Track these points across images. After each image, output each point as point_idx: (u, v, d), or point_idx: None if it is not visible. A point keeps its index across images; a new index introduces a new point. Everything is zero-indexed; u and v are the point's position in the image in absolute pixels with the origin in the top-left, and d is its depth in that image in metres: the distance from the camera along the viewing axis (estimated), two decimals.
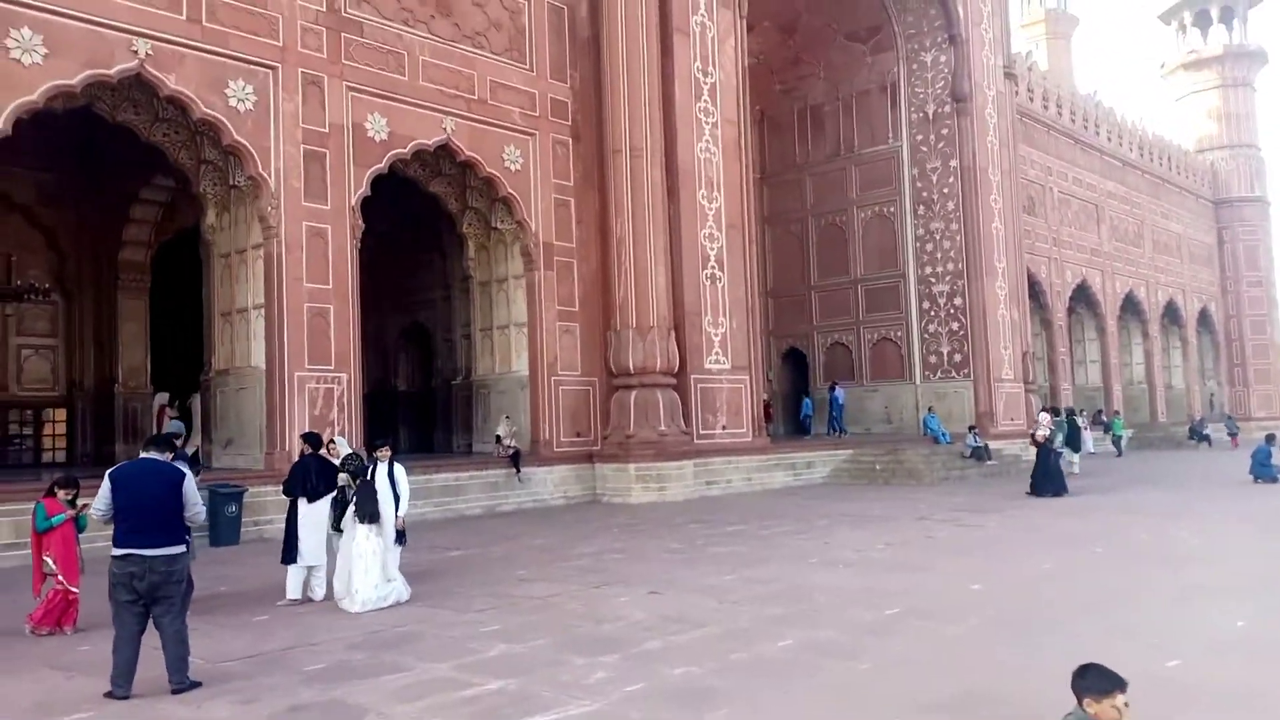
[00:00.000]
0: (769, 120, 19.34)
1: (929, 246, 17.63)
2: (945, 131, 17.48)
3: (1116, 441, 19.73)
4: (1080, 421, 16.05)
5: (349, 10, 9.35)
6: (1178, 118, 33.29)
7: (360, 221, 9.31)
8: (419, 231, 12.88)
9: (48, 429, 12.73)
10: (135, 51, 7.86)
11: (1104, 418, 22.41)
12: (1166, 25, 33.70)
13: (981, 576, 5.56)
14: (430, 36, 9.98)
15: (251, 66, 8.59)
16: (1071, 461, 14.18)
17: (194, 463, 6.07)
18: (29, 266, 12.42)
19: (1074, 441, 14.45)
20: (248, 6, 8.59)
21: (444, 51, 10.08)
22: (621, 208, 11.10)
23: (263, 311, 8.84)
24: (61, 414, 12.82)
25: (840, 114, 18.66)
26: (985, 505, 9.75)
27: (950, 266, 17.39)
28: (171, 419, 10.84)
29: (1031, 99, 21.68)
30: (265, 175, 8.65)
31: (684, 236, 11.43)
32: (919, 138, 17.78)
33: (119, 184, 12.14)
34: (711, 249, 11.80)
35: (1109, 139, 25.33)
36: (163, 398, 11.55)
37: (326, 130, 9.07)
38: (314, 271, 8.90)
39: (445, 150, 10.20)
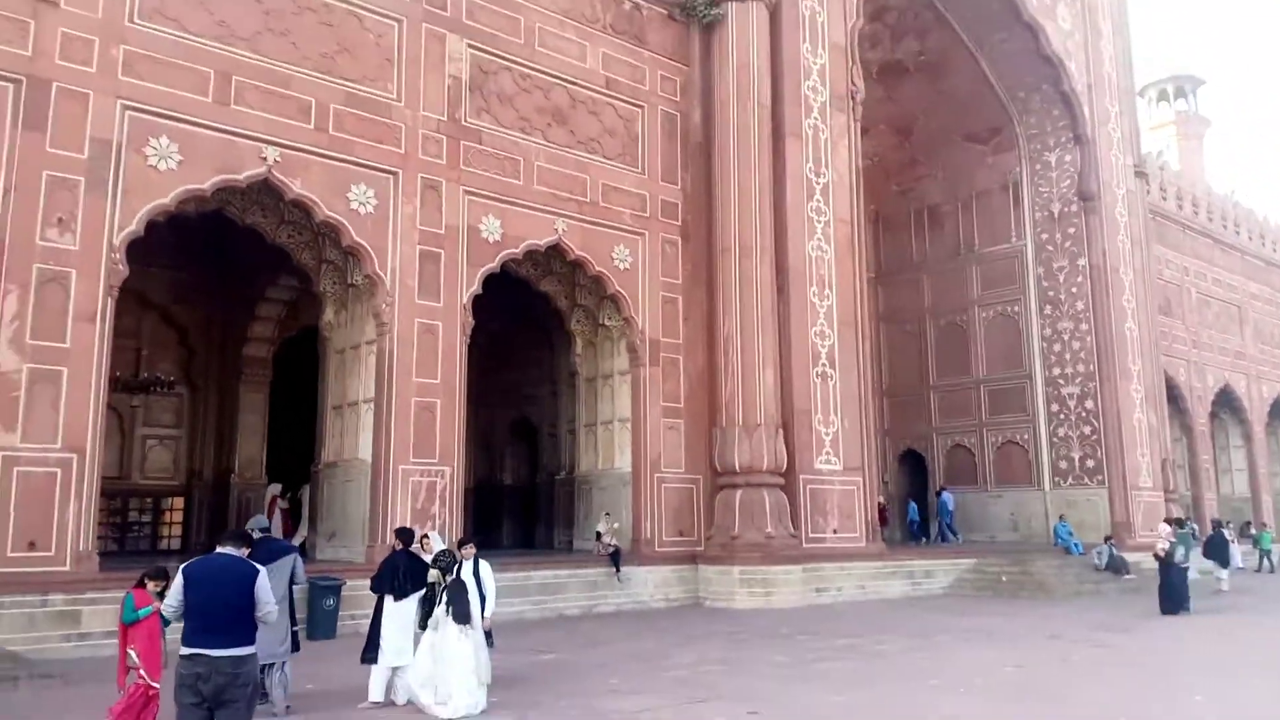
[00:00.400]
0: (884, 220, 19.12)
1: (1057, 347, 16.89)
2: (1072, 230, 16.90)
3: (1265, 555, 18.14)
4: (1227, 534, 14.81)
5: (469, 120, 9.71)
6: None
7: (470, 319, 9.48)
8: (528, 328, 13.08)
9: (165, 517, 13.21)
10: (264, 158, 8.32)
11: (1252, 530, 20.71)
12: None
13: (1128, 707, 5.01)
14: (545, 143, 10.26)
15: (373, 172, 8.97)
16: (1220, 578, 13.11)
17: (300, 552, 6.11)
18: (159, 361, 13.11)
19: (1221, 556, 13.35)
20: (373, 116, 9.02)
21: (558, 157, 10.34)
22: (729, 305, 11.02)
23: (372, 405, 9.03)
24: (180, 503, 13.30)
25: (959, 213, 18.31)
26: (1123, 624, 8.99)
27: (1080, 368, 16.60)
28: (281, 509, 11.11)
29: (1165, 198, 20.86)
30: (381, 274, 8.94)
31: (794, 334, 11.23)
32: (1044, 236, 17.23)
33: (247, 283, 12.80)
34: (823, 346, 11.54)
35: (1249, 239, 24.08)
36: (275, 489, 11.87)
37: (442, 231, 9.35)
38: (424, 366, 9.06)
39: (556, 250, 10.38)
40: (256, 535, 5.03)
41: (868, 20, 15.16)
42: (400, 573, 5.29)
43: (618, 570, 9.98)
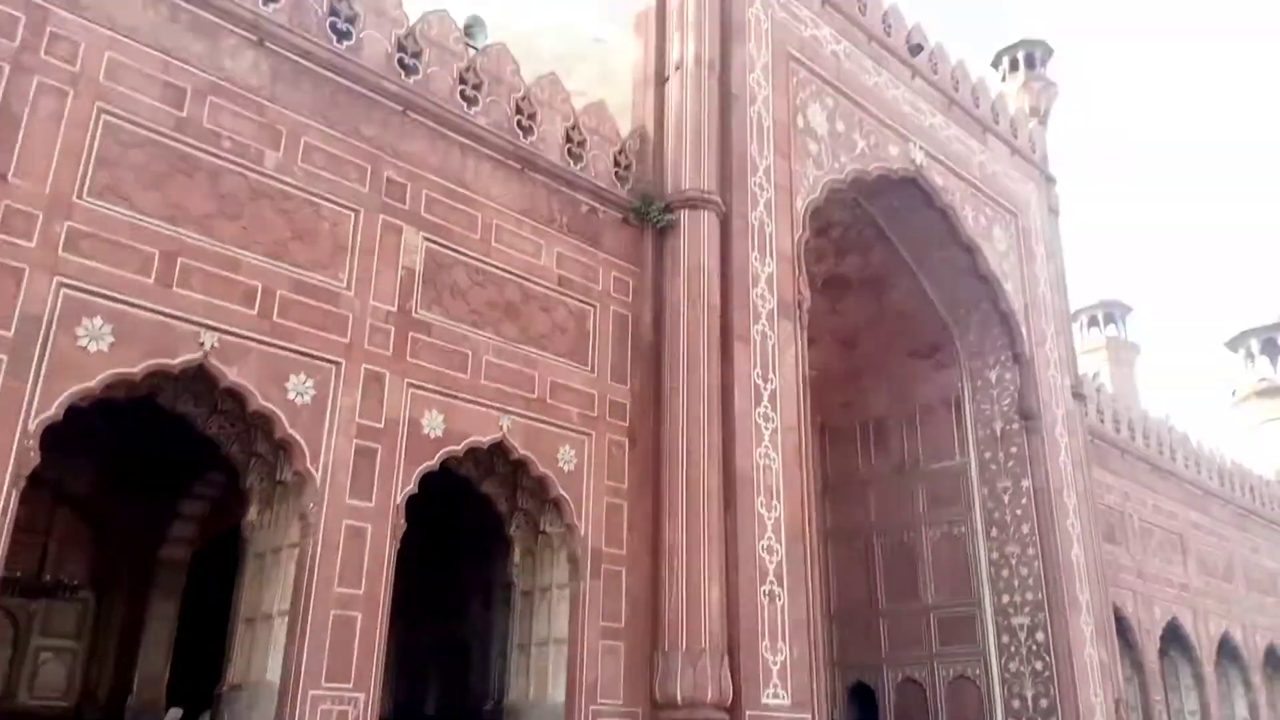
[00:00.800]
0: (830, 432, 19.10)
1: (1005, 573, 16.55)
2: (1015, 450, 16.96)
3: None
4: None
5: (419, 311, 9.49)
6: (1257, 445, 32.50)
7: (403, 521, 8.88)
8: (464, 533, 12.44)
9: None
10: (201, 343, 7.91)
11: None
12: (1233, 353, 33.84)
13: None
14: (495, 338, 10.05)
15: (315, 361, 8.60)
16: None
17: None
18: (68, 560, 12.09)
19: None
20: (320, 304, 8.74)
21: (508, 352, 10.10)
22: (675, 514, 10.55)
23: (286, 618, 8.23)
24: None
25: (904, 428, 18.36)
26: None
27: (1030, 596, 16.19)
28: None
29: (1102, 420, 21.30)
30: (313, 470, 8.38)
31: (741, 548, 10.74)
32: (987, 455, 17.26)
33: (172, 477, 12.07)
34: (771, 562, 11.04)
35: (1186, 465, 24.54)
36: (175, 714, 10.66)
37: (382, 425, 8.90)
38: (347, 574, 8.36)
39: (499, 448, 9.95)
40: None
41: (813, 235, 15.59)
42: None
43: None
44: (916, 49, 16.50)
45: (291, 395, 8.37)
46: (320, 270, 8.83)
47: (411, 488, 9.00)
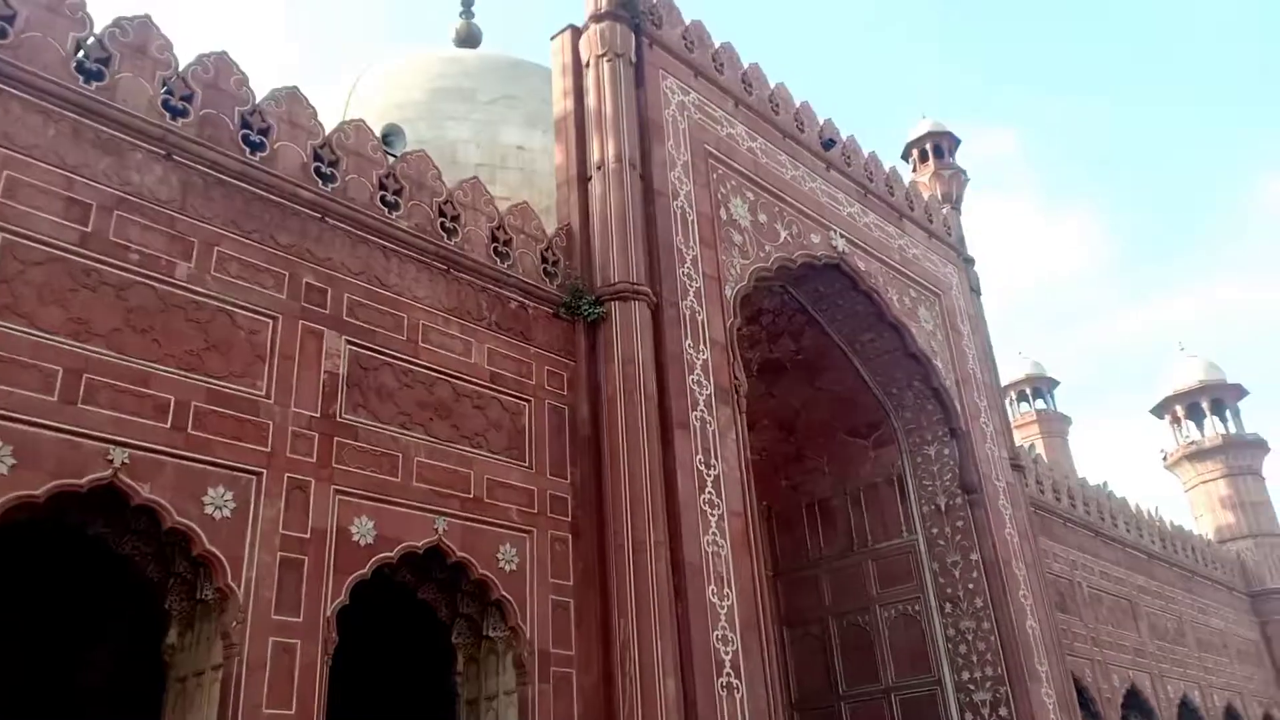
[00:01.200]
0: (777, 516, 18.95)
1: (962, 648, 16.33)
2: (960, 524, 16.95)
3: None
4: None
5: (344, 415, 9.23)
6: (1191, 506, 33.04)
7: (335, 635, 8.43)
8: (402, 644, 11.88)
9: None
10: (110, 460, 7.55)
11: None
12: (1160, 419, 34.63)
13: None
14: (427, 438, 9.80)
15: (234, 472, 8.25)
16: None
17: None
18: None
19: None
20: (237, 414, 8.44)
21: (440, 452, 9.84)
22: (625, 608, 10.21)
23: None
24: None
25: (849, 507, 18.28)
26: None
27: (989, 671, 15.97)
28: None
29: (1043, 491, 21.49)
30: (234, 586, 7.95)
31: (695, 640, 10.40)
32: (934, 530, 17.22)
33: (88, 605, 11.37)
34: (726, 653, 10.71)
35: (1128, 531, 24.80)
36: None
37: (308, 536, 8.52)
38: (276, 695, 7.85)
39: (436, 551, 9.58)
40: None
41: (745, 322, 15.80)
42: None
43: None
44: (829, 143, 17.05)
45: (210, 509, 7.99)
46: (237, 379, 8.56)
47: (343, 599, 8.58)
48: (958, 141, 21.37)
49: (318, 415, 9.00)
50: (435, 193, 10.99)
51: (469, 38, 22.96)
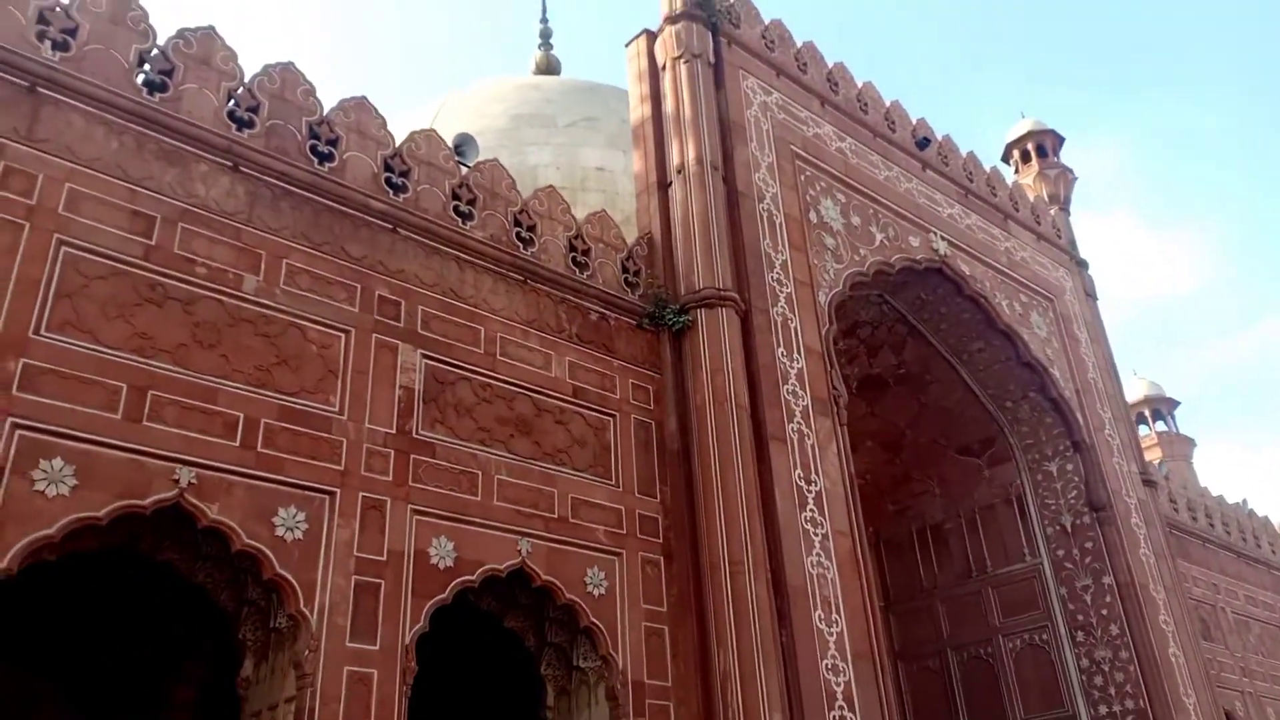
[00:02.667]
0: (886, 543, 17.84)
1: (1098, 680, 14.94)
2: (1089, 545, 15.61)
3: None
4: None
5: (421, 432, 8.77)
6: None
7: (414, 663, 7.89)
8: (489, 676, 11.30)
9: None
10: (176, 480, 7.20)
11: None
12: None
13: None
14: (507, 455, 9.27)
15: (306, 492, 7.84)
16: None
17: None
18: None
19: None
20: (309, 431, 8.05)
21: (522, 469, 9.30)
22: (724, 636, 9.42)
23: None
24: None
25: (964, 531, 17.07)
26: None
27: (1130, 705, 14.53)
28: None
29: (1177, 510, 19.80)
30: (307, 612, 7.49)
31: (802, 670, 9.54)
32: (1060, 553, 15.90)
33: (168, 637, 11.12)
34: (838, 684, 9.80)
35: (1274, 552, 22.75)
36: None
37: (384, 558, 8.04)
38: None
39: (519, 575, 8.99)
40: None
41: (842, 335, 14.96)
42: None
43: None
44: (924, 143, 16.17)
45: (280, 531, 7.57)
46: (308, 395, 8.19)
47: (422, 625, 8.05)
48: (1062, 140, 20.19)
49: (393, 432, 8.56)
50: (510, 202, 10.58)
51: (548, 69, 22.92)
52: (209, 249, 8.09)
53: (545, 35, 24.53)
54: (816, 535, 10.58)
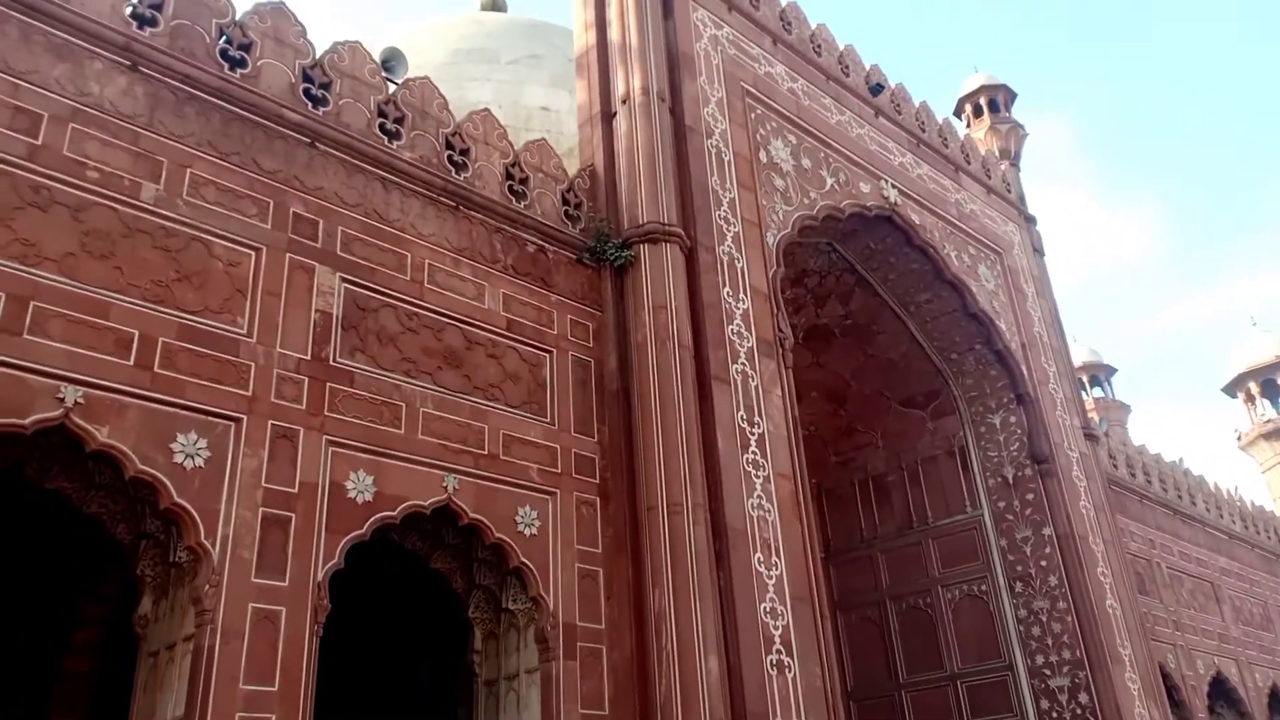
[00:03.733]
0: (828, 494, 17.65)
1: (1036, 630, 14.93)
2: (1031, 496, 15.54)
3: None
4: None
5: (339, 359, 8.21)
6: (1269, 487, 31.08)
7: (326, 601, 7.40)
8: (415, 617, 10.84)
9: None
10: (61, 399, 6.59)
11: None
12: (1232, 398, 32.76)
13: None
14: (435, 388, 8.75)
15: (209, 418, 7.26)
16: None
17: None
18: None
19: None
20: (214, 353, 7.46)
21: (450, 403, 8.79)
22: (660, 577, 9.05)
23: None
24: None
25: (906, 483, 16.92)
26: None
27: (1066, 655, 14.55)
28: None
29: (1116, 466, 19.92)
30: (208, 545, 6.95)
31: (739, 612, 9.22)
32: (1001, 504, 15.82)
33: (71, 576, 10.46)
34: (776, 628, 9.51)
35: (1207, 509, 23.09)
36: None
37: (295, 490, 7.50)
38: (255, 669, 6.83)
39: (446, 513, 8.52)
40: None
41: (790, 284, 14.66)
42: None
43: None
44: (877, 89, 15.77)
45: (179, 458, 7.00)
46: (213, 315, 7.58)
47: (336, 562, 7.55)
48: (1014, 95, 19.96)
49: (307, 358, 7.99)
50: (442, 123, 9.97)
51: (494, 5, 22.03)
52: (102, 152, 7.40)
53: None
54: (758, 478, 10.24)
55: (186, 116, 8.00)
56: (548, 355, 9.86)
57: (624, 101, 11.39)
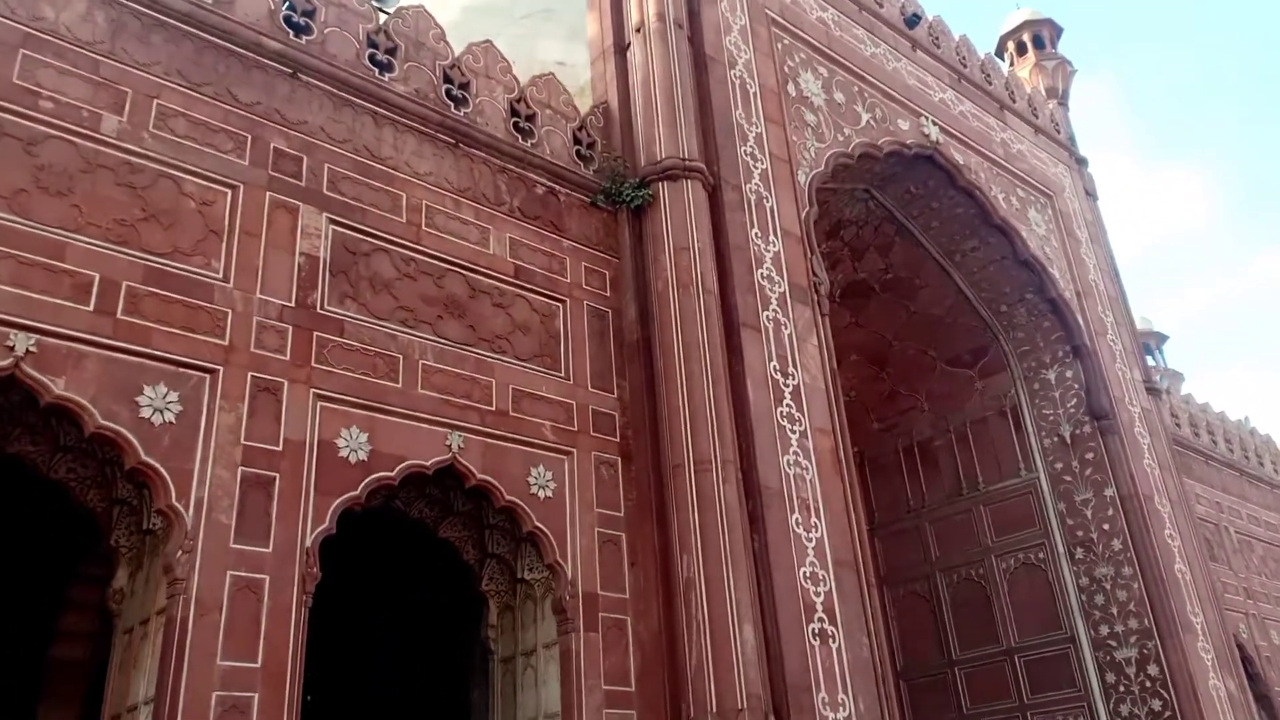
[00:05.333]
0: (871, 463, 16.71)
1: (1099, 599, 13.92)
2: (1090, 456, 14.50)
3: None
4: None
5: (327, 307, 7.48)
6: None
7: (316, 569, 6.68)
8: (422, 593, 10.13)
9: None
10: (11, 347, 5.91)
11: None
12: None
13: None
14: (435, 339, 8.00)
15: (180, 369, 6.56)
16: None
17: None
18: None
19: None
20: (184, 299, 6.75)
21: (454, 355, 8.03)
22: (688, 541, 8.24)
23: (152, 709, 5.99)
24: None
25: (955, 448, 15.95)
26: None
27: (1133, 624, 13.54)
28: None
29: (1179, 425, 18.74)
30: (180, 508, 6.25)
31: (777, 578, 8.39)
32: (1058, 466, 14.80)
33: (55, 556, 9.87)
34: (817, 594, 8.67)
35: (1276, 471, 21.81)
36: None
37: (280, 448, 6.79)
38: (236, 644, 6.13)
39: (452, 474, 7.77)
40: None
41: (825, 237, 13.73)
42: None
43: None
44: (914, 20, 14.73)
45: (146, 412, 6.30)
46: (184, 257, 6.88)
47: (327, 526, 6.83)
48: (1060, 30, 18.75)
49: (292, 305, 7.26)
50: (439, 55, 9.19)
51: None
52: (58, 82, 6.71)
53: None
54: (794, 433, 9.38)
55: (153, 44, 7.28)
56: (560, 305, 9.07)
57: (638, 30, 10.54)
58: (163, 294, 6.65)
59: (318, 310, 7.39)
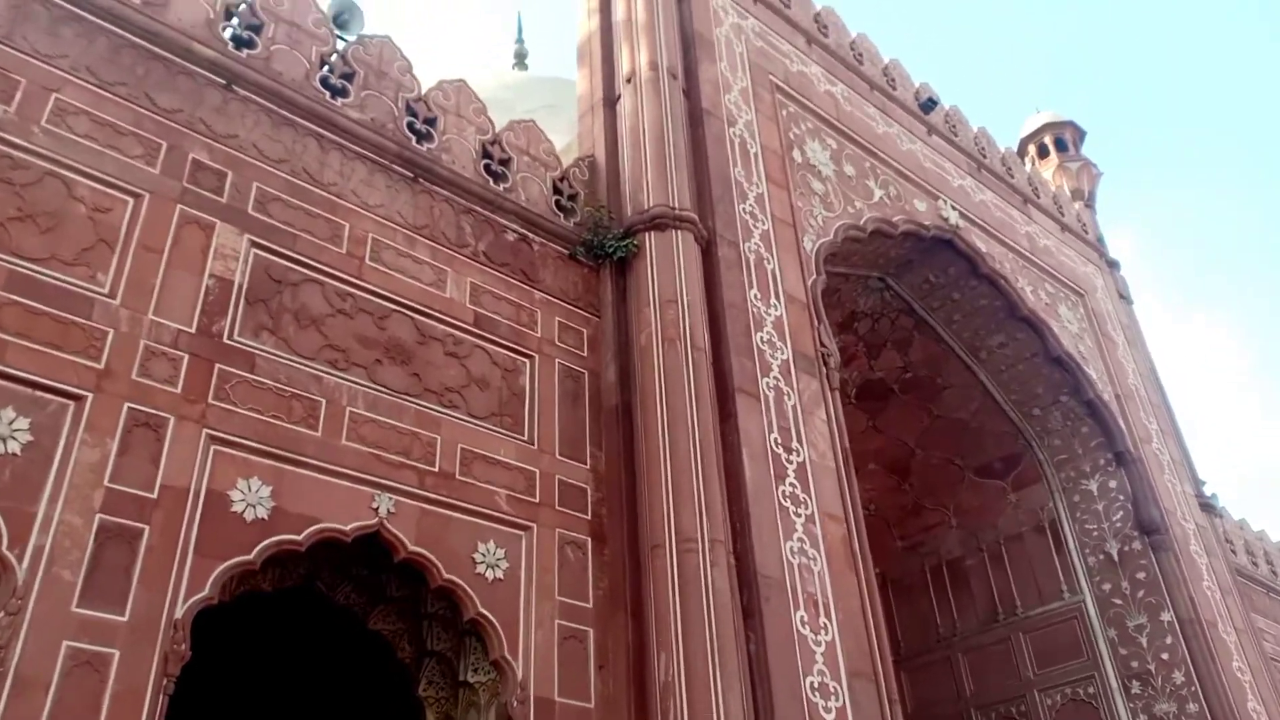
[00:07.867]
0: (895, 585, 15.02)
1: None
2: (1142, 575, 12.83)
3: None
4: None
5: (237, 337, 6.32)
6: None
7: (185, 648, 5.27)
8: (355, 695, 8.52)
9: None
10: None
11: None
12: None
13: None
14: (368, 384, 6.79)
15: (36, 391, 5.37)
16: None
17: None
18: None
19: None
20: (56, 312, 5.63)
21: (389, 404, 6.81)
22: (666, 638, 6.74)
23: None
24: None
25: (988, 567, 14.30)
26: None
27: None
28: None
29: (1234, 552, 16.95)
30: (11, 557, 4.95)
31: (777, 686, 6.82)
32: (1106, 587, 13.10)
33: None
34: (827, 710, 7.06)
35: None
36: None
37: (154, 495, 5.50)
38: None
39: (378, 545, 6.41)
40: None
41: (838, 330, 12.58)
42: None
43: None
44: (929, 104, 14.01)
45: None
46: (62, 266, 5.79)
47: (206, 594, 5.46)
48: (1083, 133, 18.05)
49: (191, 330, 6.11)
50: (403, 86, 8.34)
51: (520, 63, 21.21)
52: None
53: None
54: (799, 516, 7.96)
55: (61, 37, 6.42)
56: (528, 361, 7.88)
57: (629, 80, 9.73)
58: (27, 304, 5.53)
59: (224, 340, 6.23)
